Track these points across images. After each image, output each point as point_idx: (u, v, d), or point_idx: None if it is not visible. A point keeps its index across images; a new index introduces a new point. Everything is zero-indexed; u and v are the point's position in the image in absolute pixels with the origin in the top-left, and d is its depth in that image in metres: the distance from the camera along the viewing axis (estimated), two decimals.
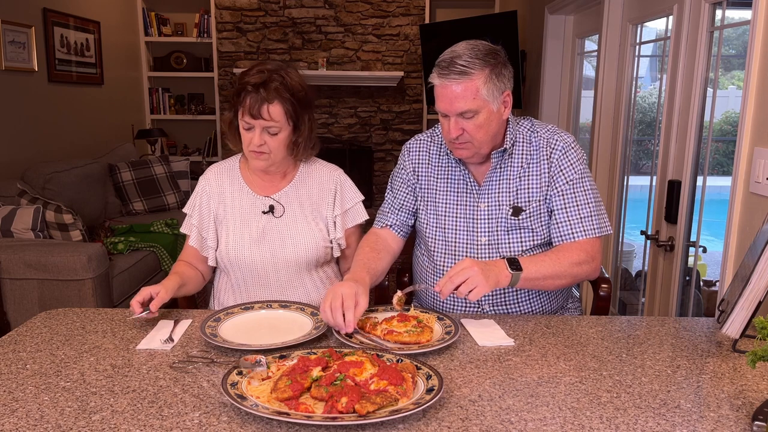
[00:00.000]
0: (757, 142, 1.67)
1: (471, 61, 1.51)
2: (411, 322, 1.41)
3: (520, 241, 1.65)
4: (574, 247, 1.60)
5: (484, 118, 1.54)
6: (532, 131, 1.67)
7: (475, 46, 1.54)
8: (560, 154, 1.63)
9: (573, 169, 1.63)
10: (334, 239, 1.78)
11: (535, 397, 1.13)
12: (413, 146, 1.79)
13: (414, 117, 6.10)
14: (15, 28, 3.98)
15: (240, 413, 1.06)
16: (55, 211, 3.36)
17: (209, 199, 1.77)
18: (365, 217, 1.85)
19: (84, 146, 4.82)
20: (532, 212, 1.63)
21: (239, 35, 5.85)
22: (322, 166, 1.82)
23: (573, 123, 3.88)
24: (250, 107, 1.60)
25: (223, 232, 1.75)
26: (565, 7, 3.67)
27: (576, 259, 1.58)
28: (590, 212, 1.63)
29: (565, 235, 1.62)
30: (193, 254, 1.79)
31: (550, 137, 1.66)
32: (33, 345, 1.36)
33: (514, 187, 1.65)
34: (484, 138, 1.56)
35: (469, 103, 1.51)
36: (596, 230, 1.62)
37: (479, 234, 1.66)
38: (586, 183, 1.64)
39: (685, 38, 2.23)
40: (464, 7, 5.89)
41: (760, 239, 1.35)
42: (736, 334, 1.32)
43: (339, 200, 1.79)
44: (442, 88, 1.53)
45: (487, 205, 1.66)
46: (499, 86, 1.54)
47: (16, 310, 2.99)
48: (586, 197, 1.63)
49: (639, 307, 2.81)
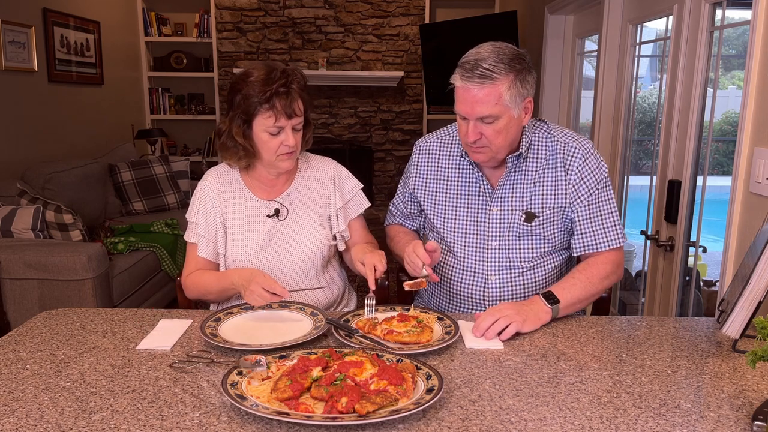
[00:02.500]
0: (757, 142, 1.67)
1: (496, 66, 1.46)
2: (411, 322, 1.41)
3: (532, 247, 1.63)
4: (599, 260, 1.59)
5: (504, 124, 1.50)
6: (549, 136, 1.63)
7: (500, 50, 1.49)
8: (580, 162, 1.60)
9: (594, 177, 1.60)
10: (338, 232, 1.78)
11: (535, 397, 1.13)
12: (423, 147, 1.76)
13: (414, 117, 6.10)
14: (15, 28, 3.98)
15: (240, 413, 1.06)
16: (55, 211, 3.36)
17: (213, 204, 1.72)
18: (367, 204, 1.85)
19: (84, 146, 4.81)
20: (546, 219, 1.61)
21: (239, 35, 5.85)
22: (317, 162, 1.83)
23: (573, 123, 3.88)
24: (284, 108, 1.58)
25: (228, 237, 1.72)
26: (565, 7, 3.67)
27: (604, 273, 1.58)
28: (614, 222, 1.61)
29: (590, 245, 1.60)
30: (204, 265, 1.72)
31: (569, 143, 1.62)
32: (33, 345, 1.36)
33: (528, 192, 1.62)
34: (502, 143, 1.53)
35: (490, 109, 1.47)
36: (620, 239, 1.61)
37: (490, 238, 1.64)
38: (609, 192, 1.63)
39: (685, 38, 2.23)
40: (464, 7, 5.88)
41: (760, 239, 1.35)
42: (736, 334, 1.32)
43: (339, 192, 1.79)
44: (464, 90, 1.49)
45: (500, 209, 1.63)
46: (522, 92, 1.50)
47: (16, 310, 2.99)
48: (610, 206, 1.62)
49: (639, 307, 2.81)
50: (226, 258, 1.72)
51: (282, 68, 1.63)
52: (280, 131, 1.61)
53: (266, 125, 1.60)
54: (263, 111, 1.58)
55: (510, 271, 1.64)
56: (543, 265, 1.66)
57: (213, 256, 1.73)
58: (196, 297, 1.73)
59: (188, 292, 1.73)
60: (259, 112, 1.59)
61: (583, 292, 1.55)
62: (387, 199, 6.12)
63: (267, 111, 1.58)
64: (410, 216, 1.83)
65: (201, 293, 1.70)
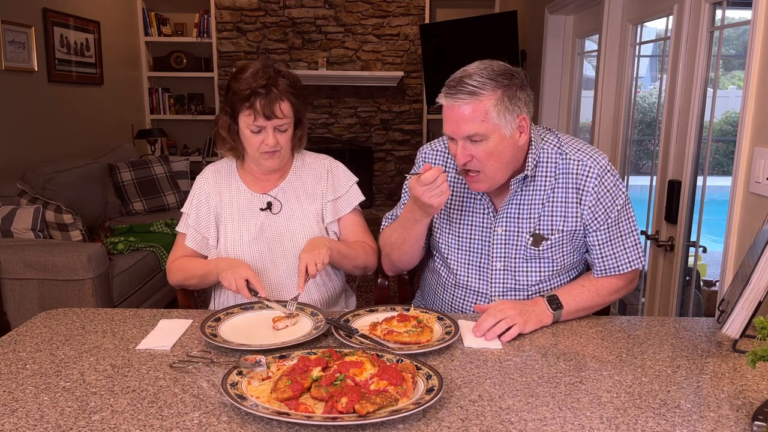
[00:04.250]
0: (757, 142, 1.67)
1: (482, 82, 1.39)
2: (411, 322, 1.41)
3: (539, 270, 1.56)
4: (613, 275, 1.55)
5: (495, 144, 1.41)
6: (560, 153, 1.52)
7: (488, 66, 1.43)
8: (596, 182, 1.50)
9: (611, 197, 1.51)
10: (327, 225, 1.78)
11: (535, 397, 1.13)
12: (429, 155, 1.66)
13: (414, 117, 6.10)
14: (15, 28, 3.98)
15: (240, 413, 1.06)
16: (55, 211, 3.36)
17: (208, 198, 1.77)
18: (361, 198, 1.82)
19: (84, 146, 4.81)
20: (555, 242, 1.53)
21: (239, 35, 5.85)
22: (313, 158, 1.84)
23: (573, 123, 3.88)
24: (263, 109, 1.60)
25: (222, 230, 1.75)
26: (565, 7, 3.67)
27: (615, 287, 1.55)
28: (635, 243, 1.55)
29: (611, 268, 1.54)
30: (190, 254, 1.77)
31: (582, 161, 1.51)
32: (33, 345, 1.36)
33: (537, 213, 1.53)
34: (495, 166, 1.44)
35: (477, 126, 1.39)
36: (640, 260, 1.55)
37: (494, 259, 1.57)
38: (630, 211, 1.55)
39: (685, 38, 2.23)
40: (464, 7, 5.89)
41: (760, 239, 1.35)
42: (736, 334, 1.32)
43: (331, 186, 1.79)
44: (449, 108, 1.42)
45: (505, 230, 1.55)
46: (512, 110, 1.41)
47: (16, 310, 2.99)
48: (630, 227, 1.55)
49: (639, 307, 2.81)
50: (218, 250, 1.75)
51: (273, 68, 1.65)
52: (261, 130, 1.64)
53: (247, 123, 1.64)
54: (244, 109, 1.63)
55: (515, 293, 1.59)
56: (550, 287, 1.59)
57: (200, 247, 1.76)
58: (179, 282, 1.76)
59: (171, 276, 1.76)
60: (241, 110, 1.63)
61: (589, 302, 1.51)
62: (387, 199, 6.13)
63: (247, 110, 1.62)
64: None
65: (184, 277, 1.73)
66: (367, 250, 1.78)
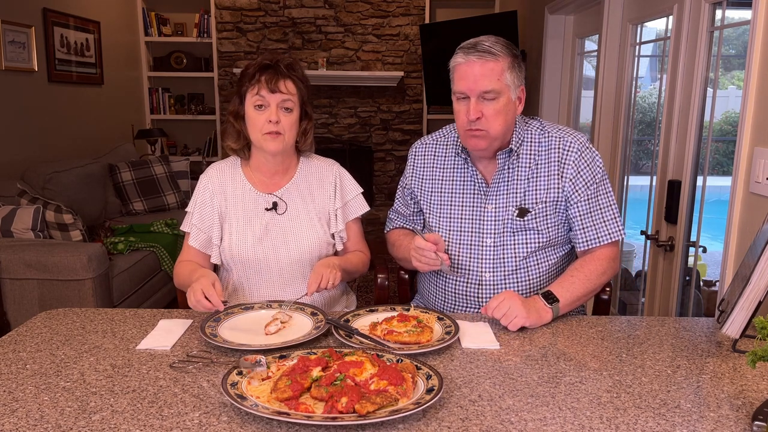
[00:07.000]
0: (757, 142, 1.67)
1: (498, 47, 1.52)
2: (411, 322, 1.41)
3: (526, 242, 1.64)
4: (596, 256, 1.61)
5: (503, 104, 1.53)
6: (543, 132, 1.65)
7: (498, 38, 1.56)
8: (576, 156, 1.61)
9: (591, 170, 1.62)
10: (336, 232, 1.79)
11: (535, 397, 1.13)
12: (418, 149, 1.79)
13: (414, 117, 6.10)
14: (15, 28, 3.98)
15: (240, 413, 1.06)
16: (55, 211, 3.36)
17: (212, 197, 1.76)
18: (366, 209, 1.87)
19: (84, 146, 4.81)
20: (538, 213, 1.62)
21: (239, 35, 5.85)
22: (320, 161, 1.85)
23: (573, 123, 3.88)
24: (267, 81, 1.63)
25: (227, 229, 1.75)
26: (565, 7, 3.67)
27: (601, 269, 1.60)
28: (614, 215, 1.63)
29: (592, 239, 1.62)
30: (194, 254, 1.78)
31: (563, 137, 1.64)
32: (33, 345, 1.36)
33: (522, 188, 1.63)
34: (499, 128, 1.55)
35: (493, 83, 1.50)
36: (620, 232, 1.63)
37: (485, 235, 1.66)
38: (607, 185, 1.65)
39: (685, 38, 2.23)
40: (464, 7, 5.89)
41: (760, 239, 1.35)
42: (736, 334, 1.32)
43: (339, 193, 1.81)
44: (467, 65, 1.52)
45: (494, 207, 1.65)
46: (519, 77, 1.56)
47: (16, 310, 2.99)
48: (608, 200, 1.64)
49: (639, 307, 2.81)
50: (223, 249, 1.75)
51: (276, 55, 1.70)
52: (265, 107, 1.65)
53: (252, 100, 1.66)
54: (251, 87, 1.66)
55: (504, 267, 1.65)
56: (537, 262, 1.66)
57: (203, 246, 1.77)
58: (179, 286, 1.77)
59: (175, 278, 1.79)
60: (248, 90, 1.67)
61: (582, 289, 1.56)
62: (387, 199, 6.12)
63: (253, 86, 1.66)
64: (412, 216, 1.83)
65: (180, 283, 1.75)
66: (365, 261, 1.85)
